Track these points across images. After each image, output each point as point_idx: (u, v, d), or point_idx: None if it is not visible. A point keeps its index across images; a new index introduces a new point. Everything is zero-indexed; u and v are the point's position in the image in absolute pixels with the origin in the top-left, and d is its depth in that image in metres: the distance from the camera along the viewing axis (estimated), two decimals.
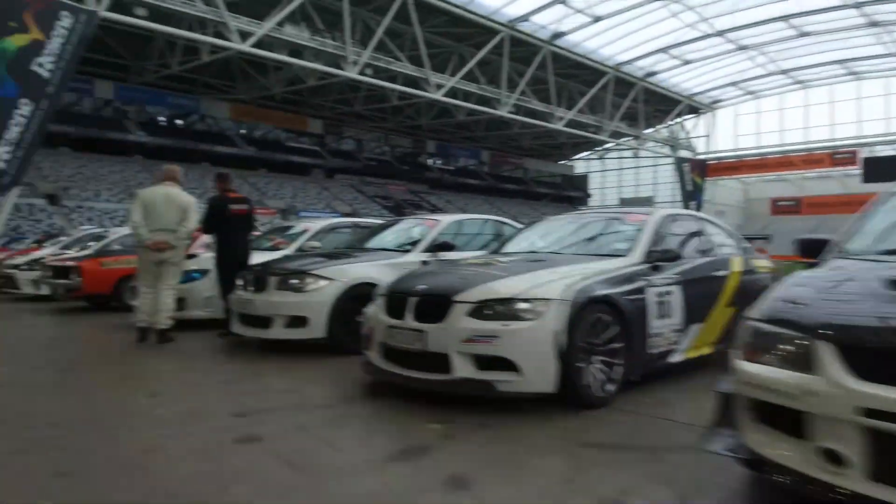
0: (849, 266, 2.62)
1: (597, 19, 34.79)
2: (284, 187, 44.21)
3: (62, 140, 37.37)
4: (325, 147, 50.54)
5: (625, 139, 51.88)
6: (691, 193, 53.99)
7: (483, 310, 3.45)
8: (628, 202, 60.81)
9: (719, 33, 37.64)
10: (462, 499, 2.37)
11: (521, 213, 44.62)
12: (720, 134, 55.85)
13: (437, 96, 34.68)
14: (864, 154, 48.06)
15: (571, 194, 66.82)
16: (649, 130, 52.85)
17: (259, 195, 38.90)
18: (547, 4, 33.03)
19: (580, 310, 3.45)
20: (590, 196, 68.14)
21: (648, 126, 51.66)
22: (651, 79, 44.81)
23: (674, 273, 4.22)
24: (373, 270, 5.43)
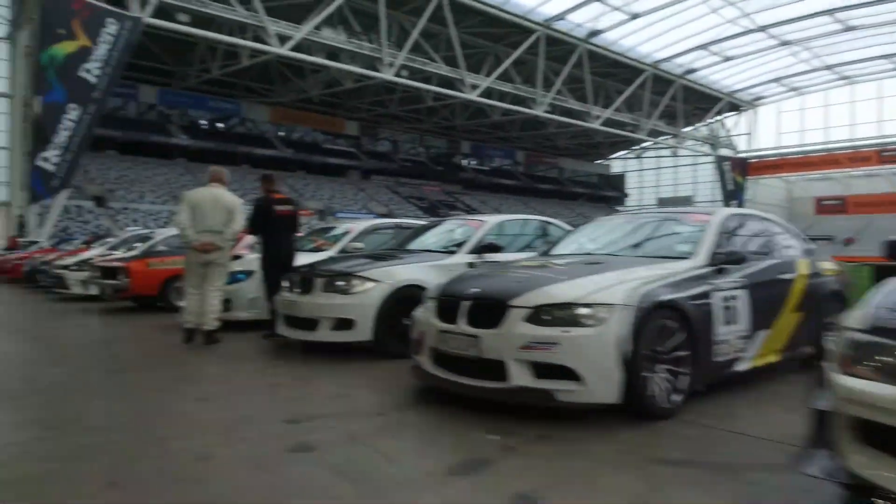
0: None
1: (634, 16, 34.24)
2: (322, 189, 44.67)
3: (108, 144, 38.50)
4: (361, 149, 50.94)
5: (663, 138, 50.99)
6: (732, 193, 52.76)
7: (541, 315, 3.29)
8: (667, 202, 59.72)
9: (761, 29, 36.64)
10: None
11: (557, 214, 44.10)
12: (762, 131, 54.53)
13: (472, 97, 34.56)
14: None
15: (608, 194, 65.96)
16: (688, 129, 51.87)
17: (297, 197, 39.36)
18: (583, 2, 32.62)
19: (645, 315, 3.27)
20: (627, 196, 67.17)
21: (687, 124, 50.70)
22: (690, 76, 43.91)
23: (739, 276, 4.01)
24: (419, 272, 5.33)
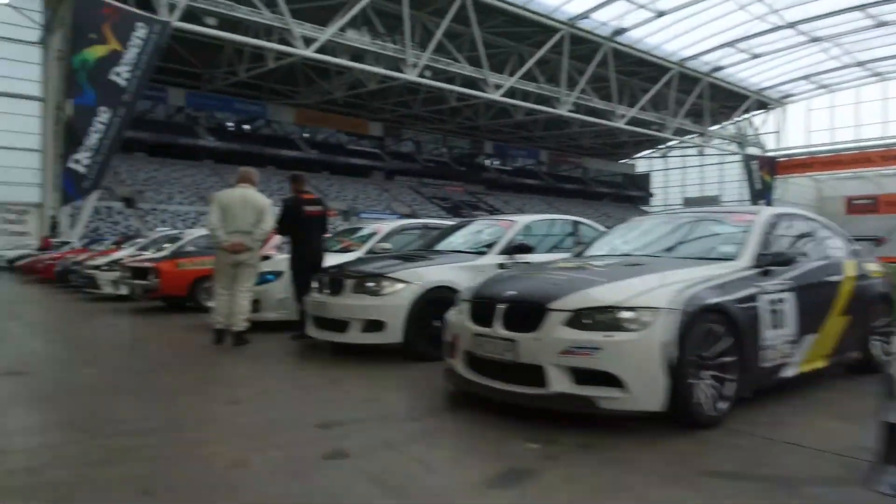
0: None
1: (660, 14, 33.76)
2: (345, 189, 44.90)
3: (138, 146, 39.20)
4: (385, 149, 51.10)
5: (689, 136, 50.24)
6: (760, 192, 51.78)
7: (581, 319, 3.17)
8: (693, 202, 58.80)
9: (790, 25, 35.83)
10: None
11: (581, 214, 43.62)
12: (791, 130, 53.42)
13: (496, 96, 34.40)
14: None
15: (633, 194, 65.24)
16: (715, 127, 51.03)
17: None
18: (607, 1, 32.26)
19: (691, 319, 3.13)
20: (651, 196, 66.37)
21: (714, 123, 49.89)
22: (717, 74, 43.17)
23: (786, 278, 3.84)
24: (449, 273, 5.25)
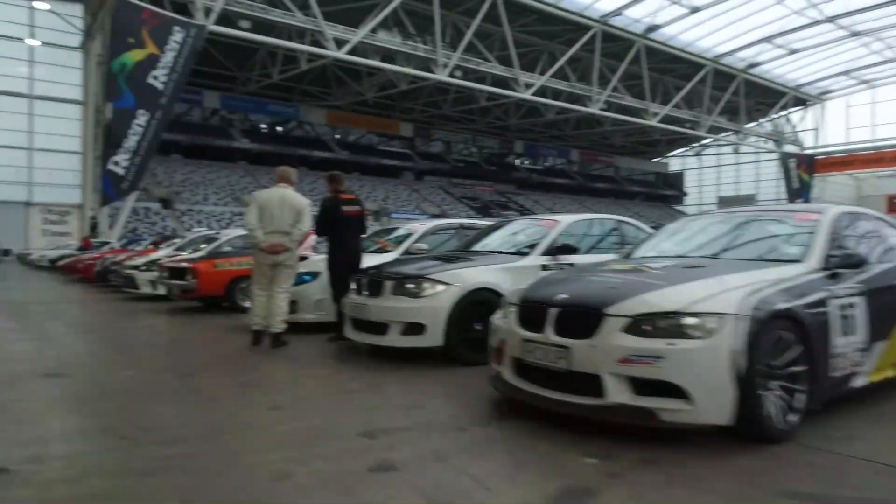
0: None
1: (694, 10, 33.08)
2: (376, 190, 45.12)
3: (174, 148, 40.03)
4: (415, 150, 51.20)
5: (724, 134, 49.20)
6: (798, 191, 50.51)
7: (641, 325, 2.98)
8: (728, 201, 57.56)
9: (830, 19, 34.72)
10: None
11: (614, 214, 43.36)
12: (830, 127, 51.91)
13: (526, 95, 34.10)
14: None
15: (666, 193, 64.19)
16: (751, 125, 49.86)
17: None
18: None
19: (760, 326, 2.92)
20: (685, 195, 65.23)
21: (750, 120, 48.75)
22: (753, 70, 42.13)
23: (856, 282, 3.59)
24: (491, 275, 5.10)
